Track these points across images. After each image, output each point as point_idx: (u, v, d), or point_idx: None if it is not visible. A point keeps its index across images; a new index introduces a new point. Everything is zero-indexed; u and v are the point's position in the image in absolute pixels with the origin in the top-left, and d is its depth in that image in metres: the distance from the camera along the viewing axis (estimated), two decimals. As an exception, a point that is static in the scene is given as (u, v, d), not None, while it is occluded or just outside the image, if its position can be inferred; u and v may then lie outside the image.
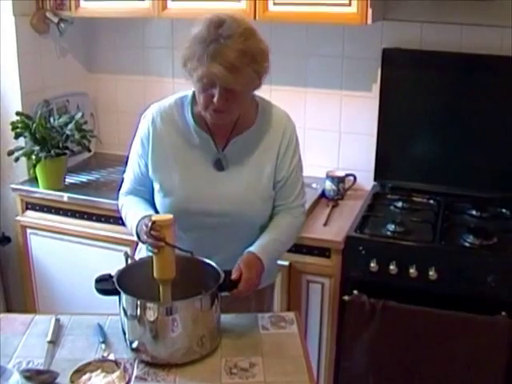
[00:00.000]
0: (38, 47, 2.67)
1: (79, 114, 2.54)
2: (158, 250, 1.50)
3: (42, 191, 2.58)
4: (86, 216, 2.55)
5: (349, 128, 2.67)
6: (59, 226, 2.59)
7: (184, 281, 1.54)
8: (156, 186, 1.71)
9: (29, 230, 2.66)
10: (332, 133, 2.70)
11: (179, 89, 2.94)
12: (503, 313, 2.00)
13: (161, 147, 1.68)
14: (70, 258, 2.61)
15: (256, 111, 1.69)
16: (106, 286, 1.53)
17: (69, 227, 2.58)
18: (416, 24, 2.43)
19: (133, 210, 1.70)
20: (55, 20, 2.58)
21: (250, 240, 1.66)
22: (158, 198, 1.72)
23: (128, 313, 1.48)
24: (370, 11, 2.15)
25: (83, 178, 2.75)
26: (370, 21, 2.17)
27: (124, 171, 1.81)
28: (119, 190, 1.84)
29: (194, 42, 1.50)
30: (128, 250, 2.49)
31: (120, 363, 1.39)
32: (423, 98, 2.49)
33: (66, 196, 2.55)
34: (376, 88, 2.55)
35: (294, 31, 2.59)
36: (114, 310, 2.08)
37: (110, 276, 1.55)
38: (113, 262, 2.51)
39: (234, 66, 1.47)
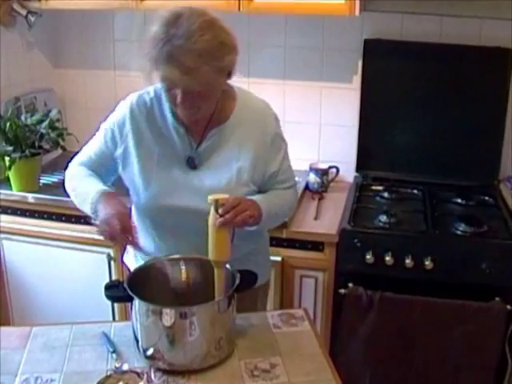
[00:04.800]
0: (5, 41, 2.51)
1: (54, 111, 2.41)
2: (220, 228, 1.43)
3: (14, 193, 2.44)
4: (64, 218, 2.43)
5: (329, 120, 2.66)
6: (35, 230, 2.46)
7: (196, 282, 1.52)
8: (128, 181, 1.66)
9: (1, 235, 2.51)
10: (312, 125, 2.68)
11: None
12: (497, 298, 2.05)
13: (136, 141, 1.62)
14: (48, 263, 2.48)
15: (233, 103, 1.62)
16: (116, 292, 1.46)
17: (46, 230, 2.45)
18: (397, 15, 2.44)
19: (87, 182, 1.64)
20: (23, 12, 2.44)
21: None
22: (131, 193, 1.67)
23: (142, 319, 1.42)
24: (357, 2, 2.13)
25: (55, 178, 2.62)
26: (357, 12, 2.16)
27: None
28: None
29: (150, 43, 1.42)
30: (111, 251, 2.42)
31: (142, 373, 1.32)
32: (404, 88, 2.51)
33: (41, 197, 2.42)
34: (357, 79, 2.55)
35: (272, 23, 2.55)
36: (98, 316, 2.01)
37: (119, 282, 1.48)
38: (94, 265, 2.45)
39: (189, 68, 1.39)
